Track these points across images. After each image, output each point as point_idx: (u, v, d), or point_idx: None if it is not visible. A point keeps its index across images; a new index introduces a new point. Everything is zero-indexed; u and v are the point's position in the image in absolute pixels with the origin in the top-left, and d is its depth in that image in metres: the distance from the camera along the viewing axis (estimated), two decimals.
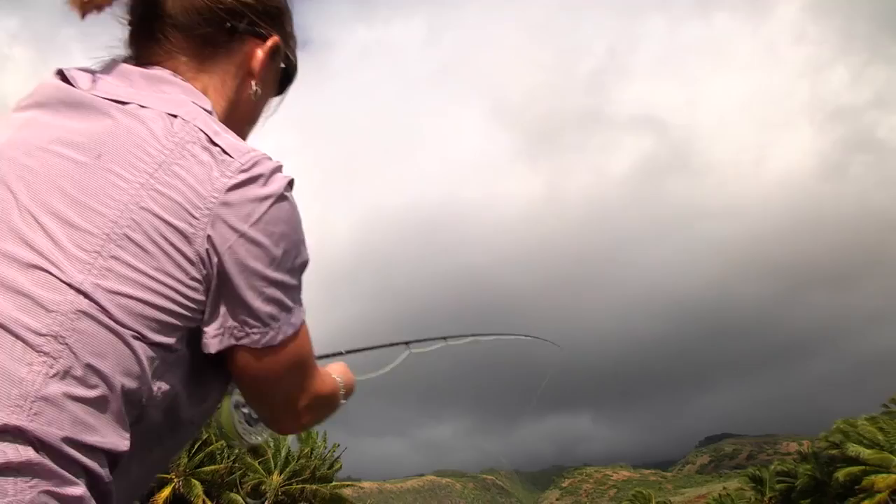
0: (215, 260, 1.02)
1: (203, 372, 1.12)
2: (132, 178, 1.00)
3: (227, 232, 1.02)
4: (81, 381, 0.92)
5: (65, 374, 0.91)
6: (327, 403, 1.33)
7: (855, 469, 52.75)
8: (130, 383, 0.97)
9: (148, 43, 1.20)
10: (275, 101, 1.44)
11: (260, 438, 1.48)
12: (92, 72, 1.15)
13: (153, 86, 1.14)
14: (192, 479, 41.07)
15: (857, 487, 52.61)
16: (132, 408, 0.99)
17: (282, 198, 1.08)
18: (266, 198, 1.05)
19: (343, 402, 1.41)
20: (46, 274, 0.94)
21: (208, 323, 1.07)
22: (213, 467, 43.01)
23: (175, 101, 1.12)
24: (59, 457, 0.89)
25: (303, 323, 1.15)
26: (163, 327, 1.01)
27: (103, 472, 0.95)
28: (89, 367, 0.93)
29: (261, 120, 1.41)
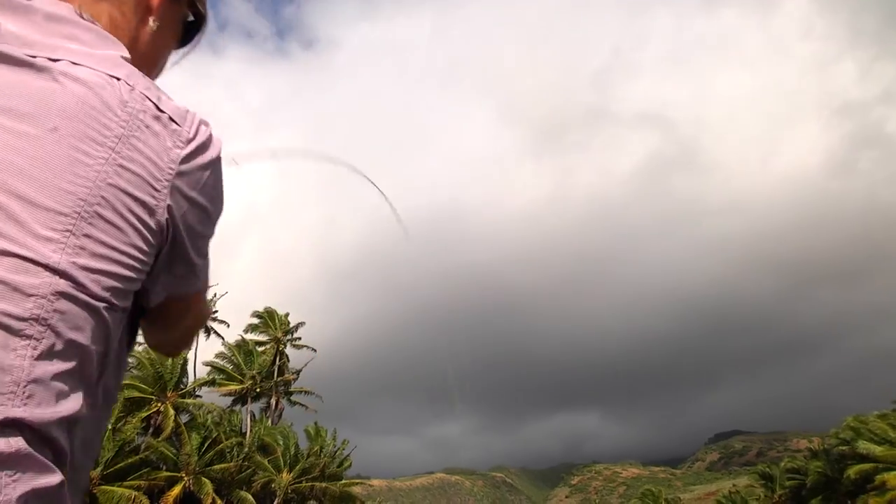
0: (171, 227, 1.10)
1: (132, 325, 1.18)
2: (96, 154, 1.00)
3: (182, 200, 1.10)
4: (63, 356, 0.96)
5: (49, 354, 0.94)
6: (203, 324, 1.46)
7: (866, 466, 52.48)
8: (101, 348, 1.03)
9: None
10: (179, 53, 1.40)
11: None
12: None
13: (60, 27, 1.08)
14: (203, 478, 41.16)
15: (868, 486, 52.39)
16: (99, 369, 1.05)
17: (219, 160, 1.16)
18: (210, 164, 1.14)
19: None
20: (18, 259, 0.94)
21: (154, 281, 1.14)
22: (222, 465, 43.11)
23: (107, 58, 1.09)
24: (41, 440, 0.91)
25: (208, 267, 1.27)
26: (126, 294, 1.06)
27: (66, 444, 0.97)
28: (70, 342, 0.97)
29: (163, 70, 1.37)
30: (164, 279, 1.17)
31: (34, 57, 1.02)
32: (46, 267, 0.95)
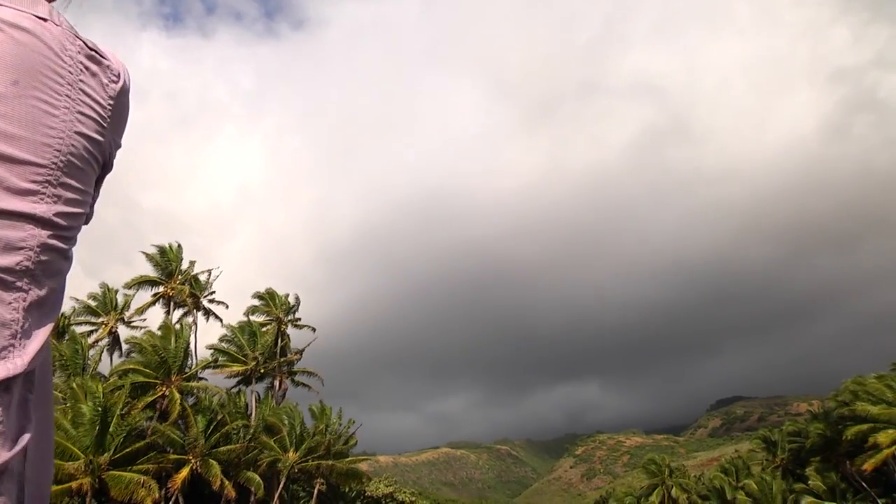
0: (111, 156, 1.21)
1: None
2: (58, 104, 1.04)
3: (115, 132, 1.19)
4: (44, 305, 1.02)
5: (35, 304, 1.00)
6: None
7: (864, 427, 53.10)
8: (62, 287, 1.10)
9: None
10: None
11: None
12: None
13: None
14: (210, 460, 41.63)
15: (865, 445, 53.10)
16: (58, 304, 1.11)
17: (129, 83, 1.25)
18: (127, 90, 1.22)
19: None
20: (3, 217, 0.96)
21: (93, 202, 1.23)
22: (229, 447, 43.57)
23: None
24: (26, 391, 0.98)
25: None
26: (80, 227, 1.13)
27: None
28: (51, 289, 1.03)
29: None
30: (96, 196, 1.24)
31: None
32: (30, 219, 0.98)
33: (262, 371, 53.60)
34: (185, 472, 40.69)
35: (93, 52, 1.13)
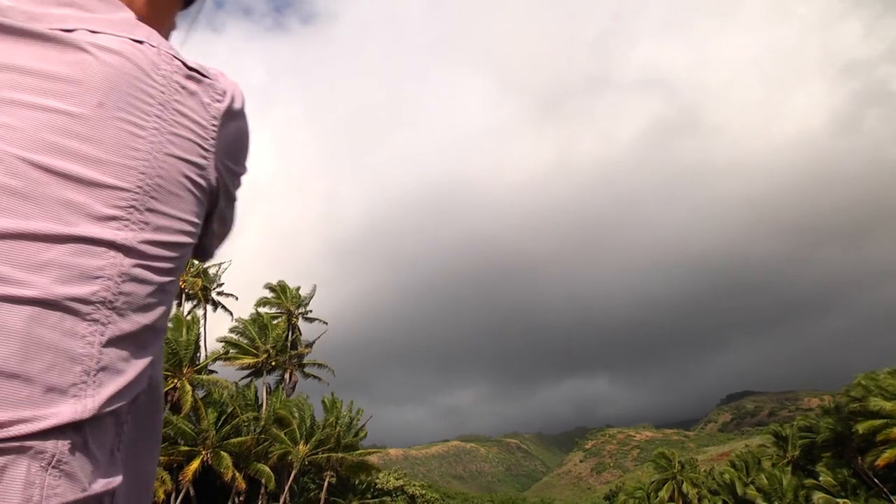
0: (221, 182, 1.11)
1: None
2: (146, 125, 0.97)
3: (225, 155, 1.10)
4: (133, 339, 0.94)
5: (116, 339, 0.92)
6: None
7: (877, 422, 52.75)
8: (163, 322, 1.02)
9: None
10: (181, 15, 1.34)
11: None
12: None
13: None
14: (221, 452, 41.79)
15: (877, 440, 52.76)
16: (156, 339, 1.03)
17: (244, 106, 1.16)
18: (242, 112, 1.14)
19: None
20: (80, 242, 0.90)
21: (210, 234, 1.19)
22: (240, 439, 43.73)
23: (119, 21, 1.04)
24: (100, 431, 0.90)
25: None
26: (184, 259, 1.06)
27: (118, 432, 0.95)
28: (142, 325, 0.96)
29: (171, 32, 1.32)
30: (218, 230, 1.21)
31: (52, 30, 0.96)
32: (111, 246, 0.92)
33: (272, 364, 53.72)
34: (195, 463, 40.87)
35: (193, 72, 1.06)
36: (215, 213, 1.16)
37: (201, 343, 47.73)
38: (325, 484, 54.09)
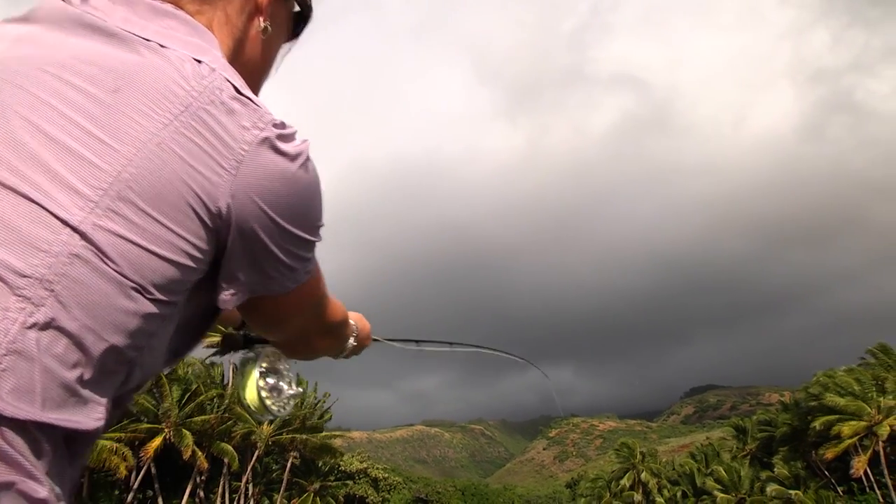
0: (238, 214, 0.94)
1: (190, 323, 1.06)
2: (154, 117, 0.89)
3: (257, 187, 0.94)
4: (65, 337, 0.81)
5: (46, 326, 0.79)
6: (338, 332, 1.42)
7: (831, 417, 54.15)
8: (123, 341, 0.87)
9: None
10: (287, 46, 1.32)
11: (288, 409, 1.41)
12: None
13: (159, 19, 1.01)
14: (183, 430, 41.63)
15: (831, 434, 54.21)
16: (119, 369, 0.90)
17: (308, 158, 1.01)
18: (297, 156, 0.98)
19: (353, 339, 1.50)
20: (40, 208, 0.82)
21: (226, 279, 1.01)
22: (203, 417, 43.58)
23: (196, 45, 1.00)
24: (25, 436, 0.77)
25: (316, 266, 1.13)
26: (168, 283, 0.91)
27: (64, 457, 0.83)
28: (77, 321, 0.82)
29: (273, 67, 1.29)
30: (247, 277, 1.01)
31: (126, 31, 0.96)
32: (66, 223, 0.82)
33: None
34: (157, 441, 40.69)
35: (241, 97, 0.96)
36: (233, 250, 0.97)
37: None
38: (289, 465, 54.15)
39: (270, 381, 1.35)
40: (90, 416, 0.84)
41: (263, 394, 1.33)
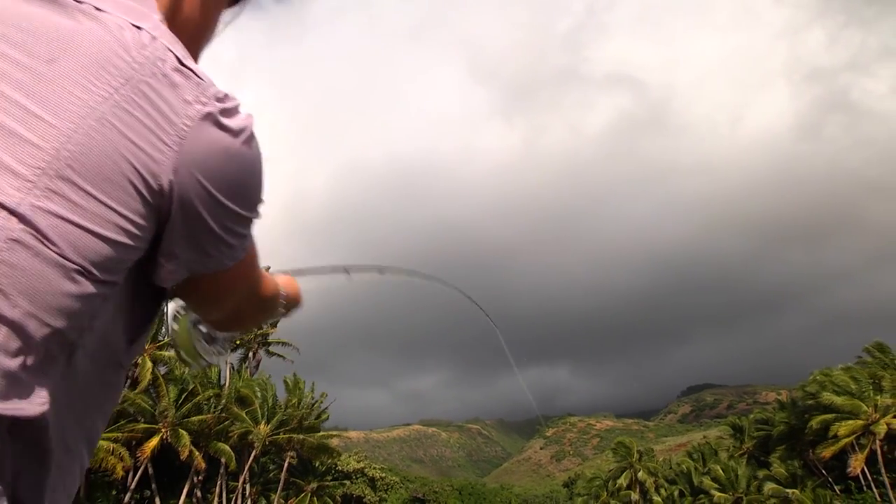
0: (180, 191, 0.92)
1: (136, 303, 1.02)
2: (94, 90, 0.85)
3: (199, 164, 0.93)
4: (5, 326, 0.78)
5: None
6: (270, 306, 1.38)
7: (828, 416, 54.22)
8: (66, 325, 0.84)
9: None
10: (230, 13, 1.27)
11: (218, 358, 1.47)
12: None
13: None
14: (180, 430, 41.53)
15: (827, 434, 54.30)
16: (62, 352, 0.87)
17: (252, 134, 0.99)
18: (240, 131, 0.96)
19: (283, 308, 1.44)
20: None
21: (166, 256, 0.98)
22: (200, 417, 43.48)
23: (133, 9, 0.95)
24: None
25: (253, 243, 1.12)
26: (110, 262, 0.88)
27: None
28: (19, 308, 0.79)
29: (214, 33, 1.23)
30: (185, 255, 1.00)
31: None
32: (2, 205, 0.79)
33: (237, 342, 53.43)
34: (154, 441, 40.58)
35: (184, 68, 0.93)
36: (173, 227, 0.95)
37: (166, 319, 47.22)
38: (286, 464, 54.06)
39: (203, 328, 1.40)
40: (33, 402, 0.81)
41: (196, 343, 1.39)
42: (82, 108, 0.84)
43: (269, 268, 1.46)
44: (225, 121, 0.94)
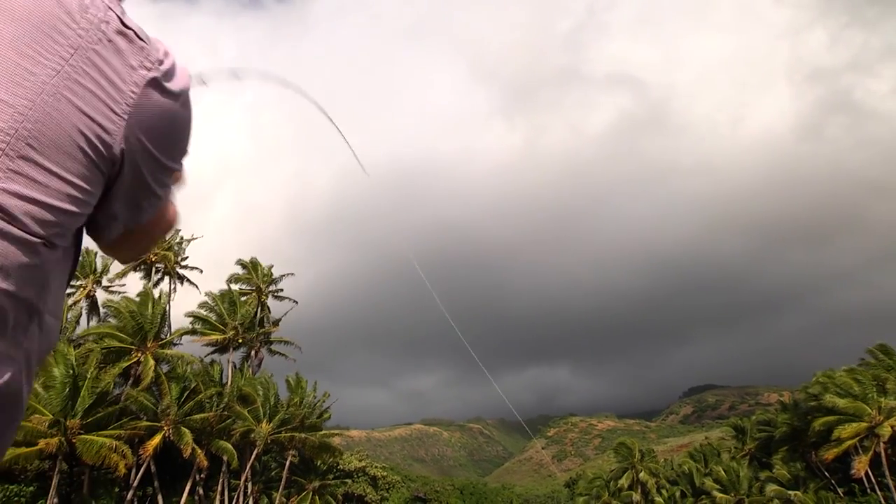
0: (128, 156, 0.95)
1: (74, 253, 1.05)
2: (46, 63, 0.84)
3: (144, 131, 0.95)
4: None
5: None
6: (165, 233, 1.36)
7: (831, 418, 54.02)
8: (32, 294, 0.87)
9: None
10: None
11: None
12: None
13: None
14: (182, 428, 41.52)
15: (830, 436, 54.13)
16: (31, 321, 0.90)
17: (188, 90, 1.01)
18: (180, 93, 1.00)
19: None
20: None
21: (109, 217, 1.03)
22: (202, 415, 43.45)
23: None
24: None
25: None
26: (68, 230, 0.92)
27: None
28: None
29: None
30: (123, 214, 1.05)
31: None
32: None
33: (239, 340, 53.43)
34: (157, 439, 40.57)
35: (127, 30, 0.93)
36: (118, 190, 0.99)
37: (168, 318, 47.29)
38: (288, 463, 54.03)
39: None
40: (3, 374, 0.83)
41: None
42: (35, 83, 0.83)
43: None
44: (168, 85, 0.97)
